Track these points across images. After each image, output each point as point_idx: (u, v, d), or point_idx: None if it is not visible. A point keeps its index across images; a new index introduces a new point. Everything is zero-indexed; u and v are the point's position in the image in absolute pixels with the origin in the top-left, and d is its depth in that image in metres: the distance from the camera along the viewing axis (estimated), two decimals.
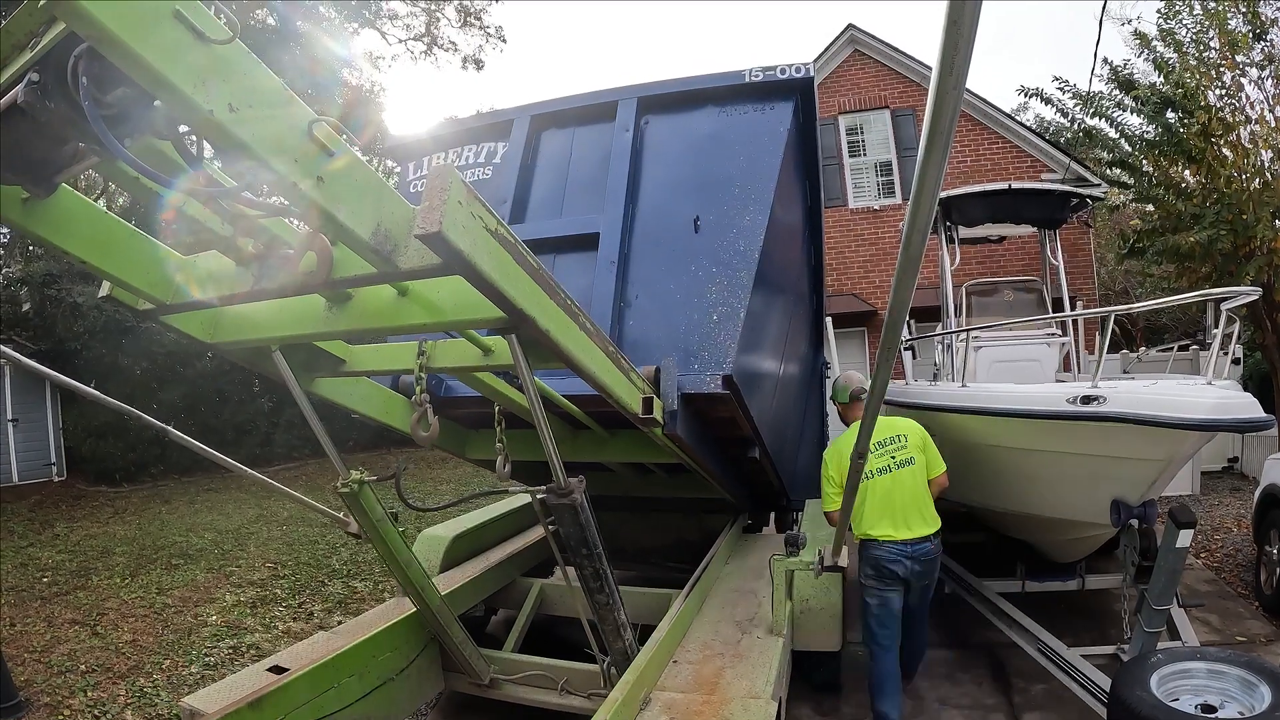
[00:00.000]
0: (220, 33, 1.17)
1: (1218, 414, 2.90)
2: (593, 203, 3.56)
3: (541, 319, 1.83)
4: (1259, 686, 2.73)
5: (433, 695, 3.86)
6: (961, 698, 4.02)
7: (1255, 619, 4.90)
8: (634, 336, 3.26)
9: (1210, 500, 8.23)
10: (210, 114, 1.16)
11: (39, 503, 10.19)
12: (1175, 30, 8.03)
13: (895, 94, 12.58)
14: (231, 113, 1.19)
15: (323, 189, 1.34)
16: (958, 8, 0.80)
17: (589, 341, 2.14)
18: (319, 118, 1.34)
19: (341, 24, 15.97)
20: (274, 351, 2.39)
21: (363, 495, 2.74)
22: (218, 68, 1.18)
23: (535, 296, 1.80)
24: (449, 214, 1.41)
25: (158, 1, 1.11)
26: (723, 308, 3.13)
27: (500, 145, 3.89)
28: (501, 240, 1.62)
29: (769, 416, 4.03)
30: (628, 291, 3.35)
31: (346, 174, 1.39)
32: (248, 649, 5.00)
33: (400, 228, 1.50)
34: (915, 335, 6.92)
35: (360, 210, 1.42)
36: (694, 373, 3.02)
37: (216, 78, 1.17)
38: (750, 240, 3.19)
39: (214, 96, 1.16)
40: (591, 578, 2.72)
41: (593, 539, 2.58)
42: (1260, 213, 7.24)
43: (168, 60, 1.11)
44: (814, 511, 4.92)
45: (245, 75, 1.23)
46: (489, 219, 1.57)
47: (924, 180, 1.07)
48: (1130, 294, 17.07)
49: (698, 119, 3.56)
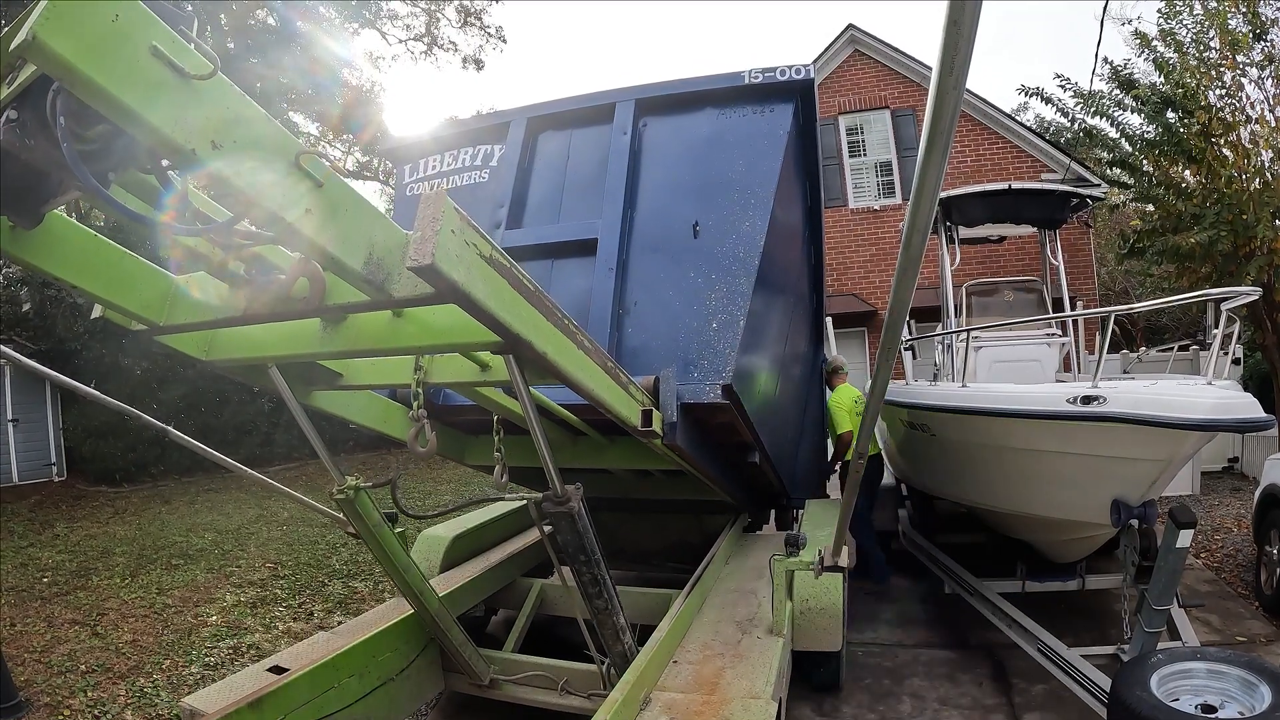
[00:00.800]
0: (200, 67, 1.13)
1: (1218, 414, 2.90)
2: (591, 206, 3.54)
3: (538, 341, 1.81)
4: (1259, 687, 2.73)
5: (433, 695, 3.85)
6: (961, 698, 4.02)
7: (1255, 619, 4.90)
8: (633, 344, 3.25)
9: (1210, 500, 8.23)
10: (193, 153, 1.13)
11: (39, 503, 10.19)
12: (1175, 30, 8.03)
13: (895, 94, 12.58)
14: (214, 150, 1.15)
15: (311, 220, 1.31)
16: (958, 8, 0.80)
17: (587, 359, 2.13)
18: (306, 149, 1.31)
19: (341, 24, 15.97)
20: (270, 368, 2.39)
21: (359, 501, 2.74)
22: (198, 103, 1.14)
23: (532, 320, 1.78)
24: (441, 244, 1.39)
25: (132, 37, 1.05)
26: (722, 315, 3.12)
27: (497, 148, 3.87)
28: (497, 266, 1.60)
29: (769, 420, 4.03)
30: (626, 298, 3.33)
31: (336, 203, 1.36)
32: (248, 649, 5.00)
33: (393, 255, 1.47)
34: (915, 335, 6.92)
35: (351, 240, 1.39)
36: (693, 382, 3.02)
37: (197, 114, 1.13)
38: (749, 246, 3.18)
39: (195, 134, 1.13)
40: (590, 583, 2.71)
41: (590, 546, 2.57)
42: (1260, 213, 7.24)
43: (144, 100, 1.06)
44: (814, 511, 4.93)
45: (228, 109, 1.19)
46: (483, 245, 1.55)
47: (924, 180, 1.07)
48: (1130, 294, 17.08)
49: (696, 121, 3.52)
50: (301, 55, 14.28)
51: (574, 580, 2.74)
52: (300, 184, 1.30)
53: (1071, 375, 6.41)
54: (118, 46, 1.03)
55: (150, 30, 1.09)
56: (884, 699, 4.05)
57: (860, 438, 2.18)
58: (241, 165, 1.20)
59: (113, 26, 1.03)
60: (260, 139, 1.24)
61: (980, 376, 6.25)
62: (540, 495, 2.43)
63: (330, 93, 15.46)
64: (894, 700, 4.03)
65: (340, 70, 15.78)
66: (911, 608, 5.51)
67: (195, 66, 1.12)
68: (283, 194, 1.27)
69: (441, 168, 3.99)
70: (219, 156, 1.16)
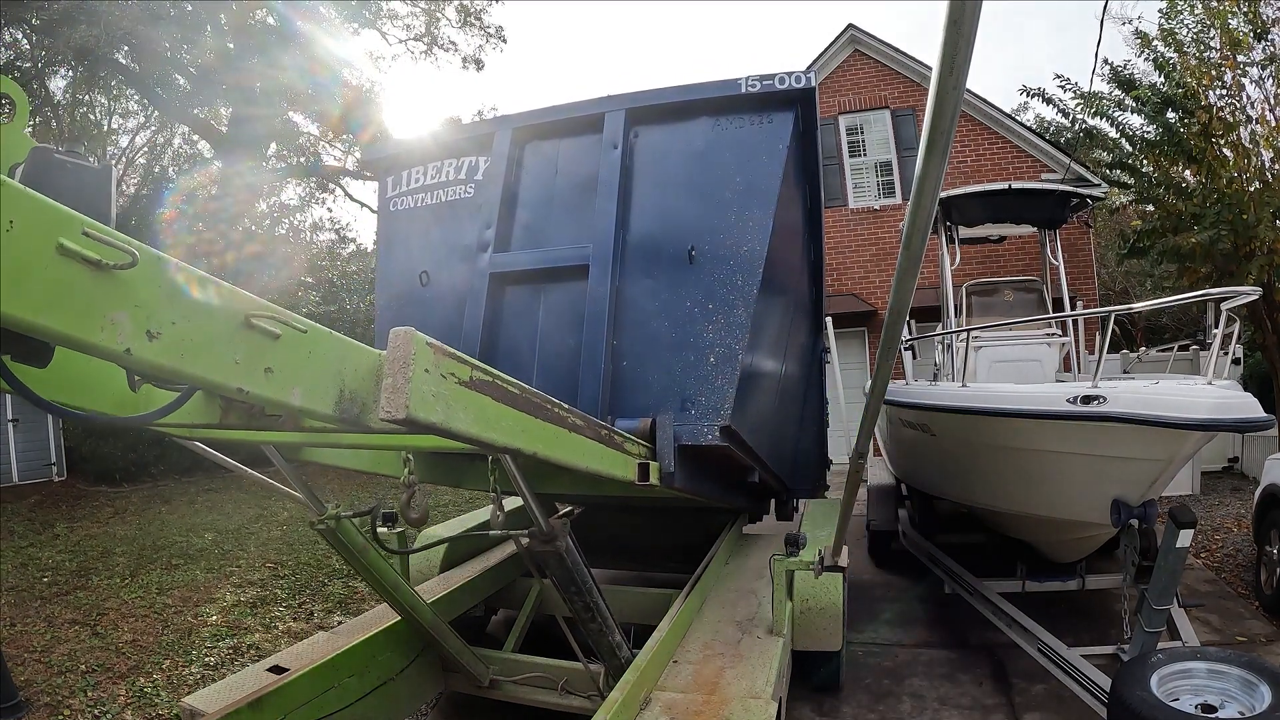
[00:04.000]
0: (119, 256, 0.97)
1: (1218, 414, 2.90)
2: (581, 224, 3.38)
3: (528, 446, 1.74)
4: (1259, 686, 2.73)
5: (433, 695, 3.86)
6: (961, 698, 4.02)
7: (1255, 619, 4.90)
8: (627, 377, 3.12)
9: (1210, 500, 8.23)
10: (128, 353, 0.98)
11: (39, 503, 10.19)
12: (1176, 30, 8.03)
13: (895, 94, 12.58)
14: (152, 340, 1.01)
15: (274, 379, 1.20)
16: (958, 8, 0.80)
17: (580, 439, 2.05)
18: (255, 310, 1.18)
19: (341, 24, 15.96)
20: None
21: (341, 529, 2.73)
22: (125, 296, 0.97)
23: (520, 426, 1.69)
24: (415, 390, 1.30)
25: (36, 237, 0.88)
26: (720, 349, 3.00)
27: (481, 160, 3.67)
28: (479, 386, 1.51)
29: (770, 433, 3.96)
30: (620, 327, 3.19)
31: (298, 351, 1.25)
32: (248, 649, 5.00)
33: (366, 384, 1.37)
34: (915, 335, 6.92)
35: (320, 385, 1.29)
36: (691, 421, 2.92)
37: (125, 309, 0.97)
38: (748, 275, 3.05)
39: (127, 331, 0.98)
40: (582, 609, 2.68)
41: (582, 578, 2.50)
42: (1261, 213, 7.24)
43: (55, 309, 0.90)
44: (814, 511, 4.93)
45: (159, 291, 1.02)
46: (462, 370, 1.46)
47: (924, 180, 1.07)
48: (1130, 294, 17.08)
49: (690, 132, 3.33)
50: (301, 55, 14.27)
51: (566, 605, 2.70)
52: (257, 344, 1.17)
53: (1071, 375, 6.41)
54: (14, 247, 0.85)
55: (56, 226, 0.91)
56: (884, 699, 4.05)
57: (860, 438, 2.18)
58: (187, 349, 1.06)
59: (9, 237, 0.85)
60: (204, 309, 1.09)
61: (980, 376, 6.25)
62: (526, 533, 2.37)
63: (330, 92, 15.45)
64: (894, 700, 4.03)
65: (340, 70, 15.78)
66: (911, 608, 5.51)
67: (113, 255, 0.96)
68: (238, 363, 1.14)
69: (425, 180, 3.80)
70: (160, 348, 1.02)
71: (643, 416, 2.95)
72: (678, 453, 2.83)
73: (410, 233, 3.76)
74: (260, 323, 1.18)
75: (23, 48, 13.42)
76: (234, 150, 14.53)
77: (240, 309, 1.16)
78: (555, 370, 3.26)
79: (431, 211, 3.72)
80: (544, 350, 3.34)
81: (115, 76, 14.83)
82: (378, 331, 3.78)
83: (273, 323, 1.20)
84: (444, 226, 3.67)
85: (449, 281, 3.59)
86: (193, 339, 1.07)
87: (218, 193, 14.73)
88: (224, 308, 1.13)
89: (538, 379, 3.29)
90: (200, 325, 1.08)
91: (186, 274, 1.08)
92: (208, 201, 14.59)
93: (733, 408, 2.94)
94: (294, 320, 1.25)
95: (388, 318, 3.74)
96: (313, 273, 17.50)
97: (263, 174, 15.74)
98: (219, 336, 1.11)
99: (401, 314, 3.68)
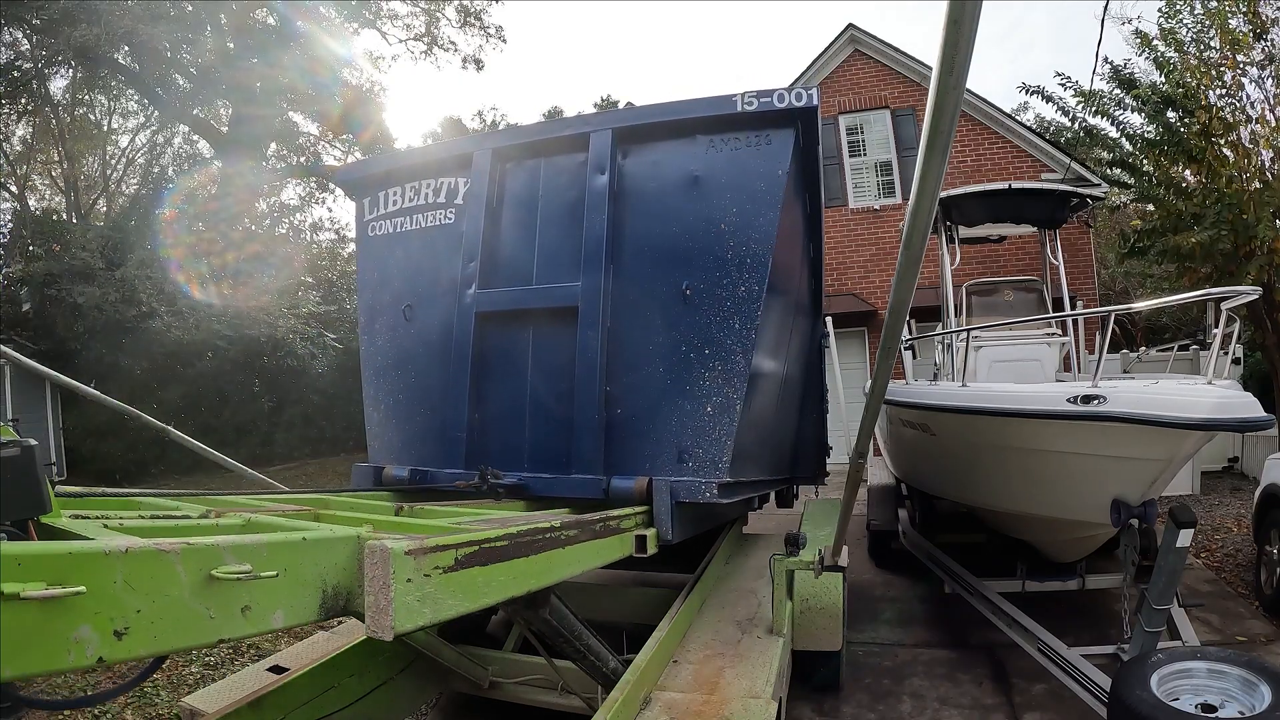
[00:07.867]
0: (70, 583, 0.91)
1: (1218, 414, 2.90)
2: (569, 252, 3.19)
3: (523, 589, 1.73)
4: (1259, 686, 2.72)
5: (433, 695, 3.86)
6: (961, 698, 4.02)
7: (1255, 619, 4.90)
8: (622, 427, 3.02)
9: (1210, 500, 8.22)
10: (100, 662, 0.94)
11: None
12: (1176, 29, 8.03)
13: (895, 94, 12.57)
14: (122, 639, 0.96)
15: (253, 615, 1.16)
16: (958, 8, 0.80)
17: (576, 549, 2.04)
18: (219, 564, 1.12)
19: (341, 24, 15.97)
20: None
21: None
22: (82, 609, 0.91)
23: (513, 575, 1.68)
24: (399, 605, 1.29)
25: None
26: (718, 399, 2.89)
27: (461, 182, 3.47)
28: (465, 561, 1.49)
29: (769, 454, 3.91)
30: (613, 374, 3.04)
31: (271, 580, 1.20)
32: (248, 649, 5.00)
33: (348, 573, 1.33)
34: (915, 335, 6.92)
35: (300, 598, 1.26)
36: (688, 474, 2.86)
37: (85, 621, 0.92)
38: (746, 317, 2.90)
39: (94, 643, 0.92)
40: (574, 653, 2.66)
41: (569, 628, 2.47)
42: (1261, 213, 7.24)
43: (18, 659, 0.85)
44: (814, 511, 4.92)
45: (115, 584, 0.96)
46: (444, 557, 1.44)
47: (924, 180, 1.07)
48: (1130, 294, 17.06)
49: (683, 154, 3.09)
50: (301, 55, 14.28)
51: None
52: (227, 592, 1.13)
53: (1071, 375, 6.41)
54: None
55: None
56: (884, 698, 4.05)
57: (860, 438, 2.18)
58: (157, 624, 1.00)
59: None
60: (166, 581, 1.03)
61: (980, 376, 6.24)
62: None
63: (330, 92, 15.46)
64: (894, 700, 4.03)
65: (340, 70, 15.79)
66: (911, 607, 5.51)
67: (65, 583, 0.91)
68: (213, 618, 1.10)
69: (403, 203, 3.59)
70: (131, 641, 0.97)
71: (638, 475, 2.90)
72: (674, 511, 2.78)
73: (390, 260, 3.61)
74: (225, 569, 1.12)
75: (22, 48, 13.42)
76: (234, 150, 14.54)
77: (202, 565, 1.09)
78: (549, 419, 3.18)
79: (412, 238, 3.57)
80: (535, 396, 3.24)
81: (115, 76, 14.85)
82: (365, 379, 3.64)
83: (240, 557, 1.14)
84: (426, 256, 3.53)
85: (434, 318, 3.47)
86: (162, 618, 1.01)
87: (218, 192, 14.74)
88: (185, 565, 1.06)
89: (530, 432, 3.22)
90: (166, 599, 1.02)
91: (139, 550, 1.01)
92: (208, 201, 14.60)
93: (731, 459, 2.86)
94: (263, 543, 1.19)
95: (373, 360, 3.60)
96: (313, 273, 17.53)
97: (263, 174, 15.75)
98: (187, 602, 1.05)
99: (388, 354, 3.58)
